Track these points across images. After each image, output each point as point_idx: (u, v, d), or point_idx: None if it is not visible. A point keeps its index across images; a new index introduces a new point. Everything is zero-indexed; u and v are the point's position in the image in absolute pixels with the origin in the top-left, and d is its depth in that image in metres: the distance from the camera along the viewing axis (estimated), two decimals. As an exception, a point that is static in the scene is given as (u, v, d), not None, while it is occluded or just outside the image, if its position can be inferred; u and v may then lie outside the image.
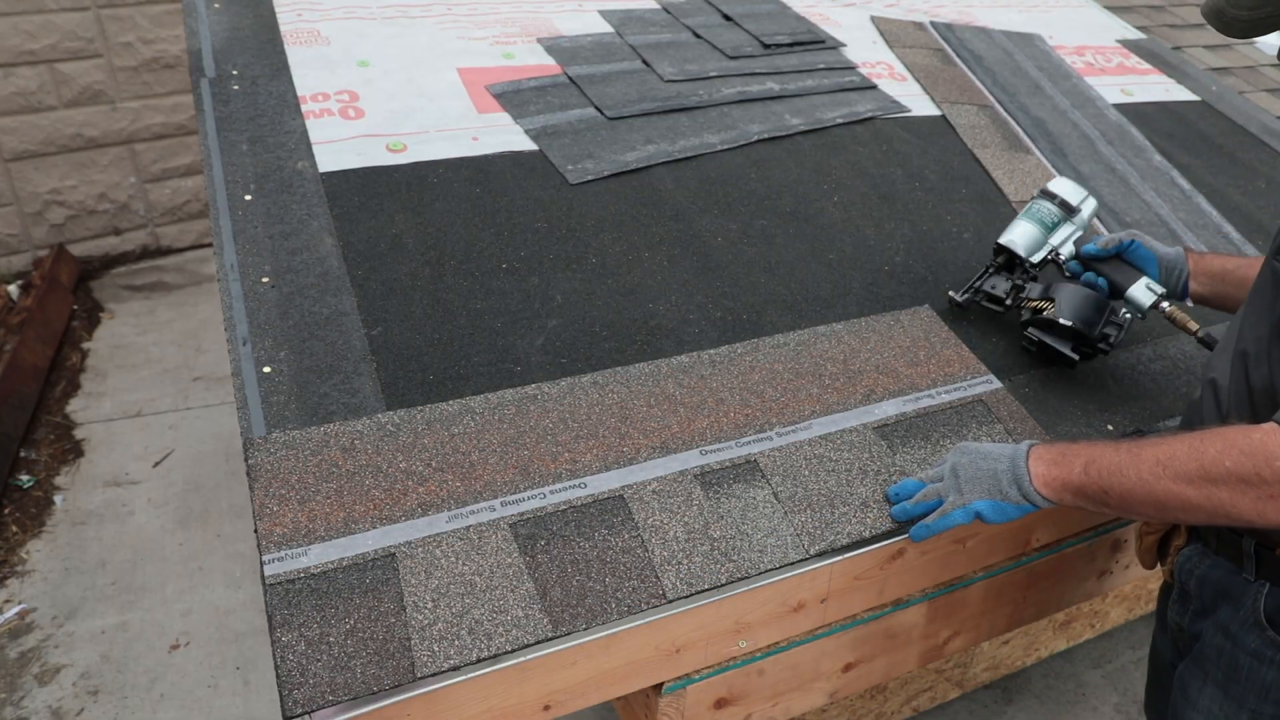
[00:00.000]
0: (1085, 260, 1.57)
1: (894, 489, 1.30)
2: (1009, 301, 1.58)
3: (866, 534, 1.27)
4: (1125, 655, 2.40)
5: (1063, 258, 1.60)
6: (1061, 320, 1.47)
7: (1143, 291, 1.48)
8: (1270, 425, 0.93)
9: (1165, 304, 1.48)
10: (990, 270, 1.63)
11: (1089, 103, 2.49)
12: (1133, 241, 1.51)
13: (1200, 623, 1.22)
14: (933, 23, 2.74)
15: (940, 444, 1.40)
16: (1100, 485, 1.05)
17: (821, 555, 1.24)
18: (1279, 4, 0.99)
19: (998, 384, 1.52)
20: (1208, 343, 1.44)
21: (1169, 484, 0.98)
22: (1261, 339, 1.11)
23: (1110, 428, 1.52)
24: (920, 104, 2.31)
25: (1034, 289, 1.54)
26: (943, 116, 2.28)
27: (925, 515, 1.23)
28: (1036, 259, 1.59)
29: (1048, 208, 1.60)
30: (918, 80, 2.42)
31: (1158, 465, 0.98)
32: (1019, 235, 1.59)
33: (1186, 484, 0.96)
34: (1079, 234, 1.62)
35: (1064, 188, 1.61)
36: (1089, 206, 1.63)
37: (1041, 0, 3.14)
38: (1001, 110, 2.36)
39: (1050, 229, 1.60)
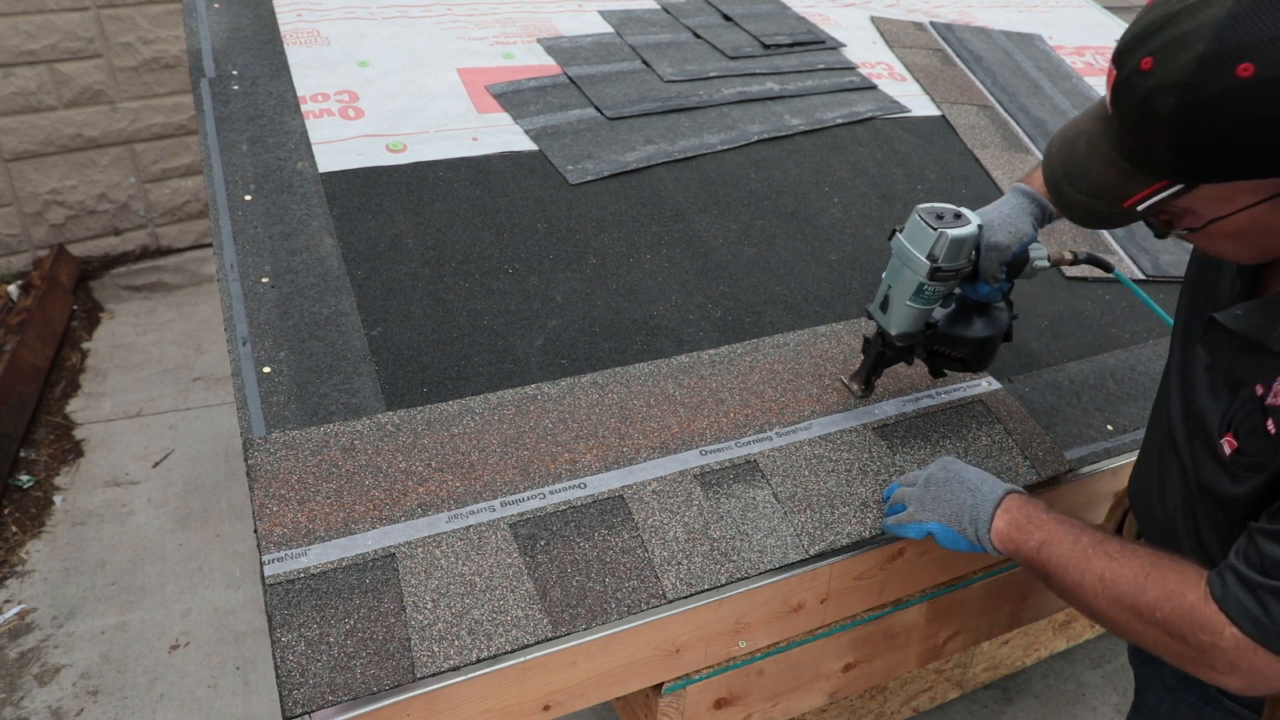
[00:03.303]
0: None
1: (887, 490, 1.31)
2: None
3: (866, 534, 1.27)
4: (1125, 655, 2.40)
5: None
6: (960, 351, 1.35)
7: (1030, 270, 1.34)
8: (1205, 591, 0.92)
9: (1042, 261, 1.35)
10: (886, 356, 1.39)
11: (1089, 103, 2.49)
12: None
13: (1139, 664, 1.25)
14: (933, 23, 2.74)
15: (940, 444, 1.40)
16: (1046, 570, 1.06)
17: (821, 555, 1.24)
18: (1115, 202, 0.91)
19: (997, 384, 1.52)
20: (1096, 261, 1.38)
21: (1104, 603, 1.00)
22: (1184, 427, 1.07)
23: (1110, 427, 1.52)
24: (920, 104, 2.31)
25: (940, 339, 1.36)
26: (943, 117, 2.28)
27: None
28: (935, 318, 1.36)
29: (935, 289, 1.26)
30: (918, 80, 2.41)
31: (1100, 582, 1.00)
32: (907, 323, 1.31)
33: (1120, 611, 0.98)
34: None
35: (950, 251, 1.21)
36: (971, 246, 1.25)
37: (1041, 0, 3.14)
38: (1001, 110, 2.36)
39: (939, 299, 1.30)
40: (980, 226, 1.24)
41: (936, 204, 1.24)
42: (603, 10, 2.47)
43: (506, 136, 1.90)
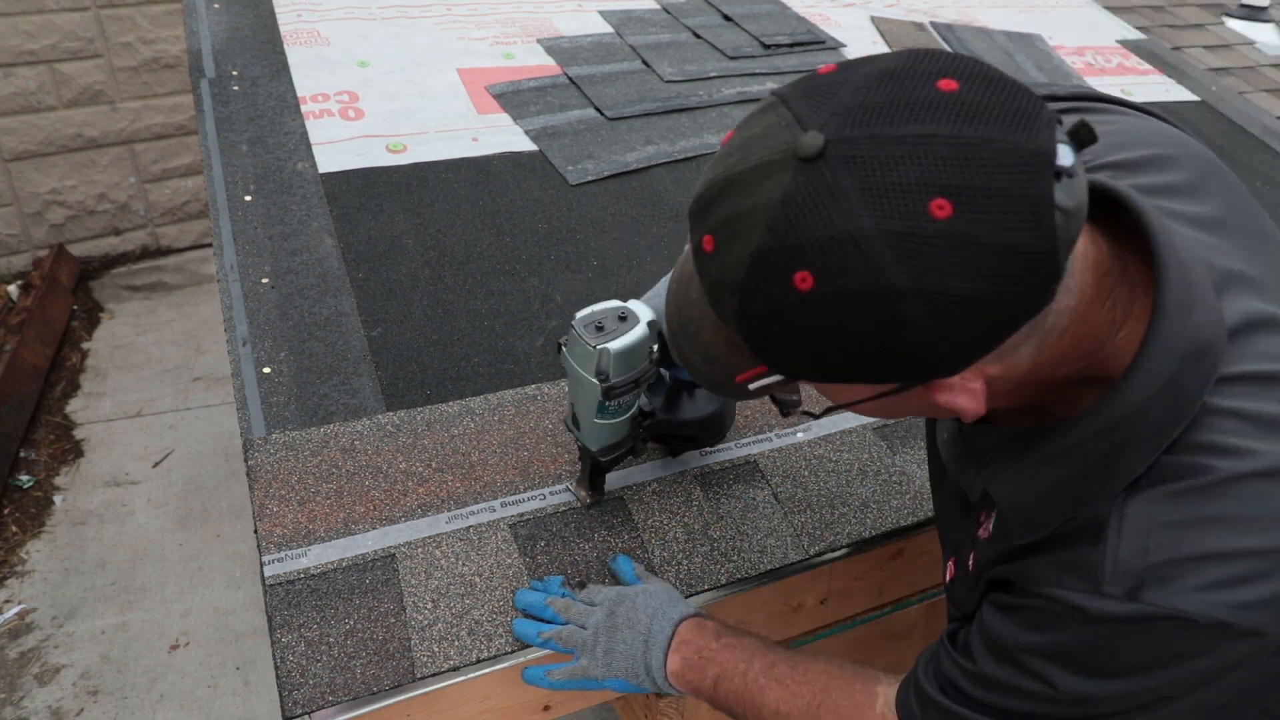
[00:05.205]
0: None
1: (523, 594, 1.09)
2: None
3: (866, 534, 1.27)
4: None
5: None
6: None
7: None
8: (881, 714, 0.83)
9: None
10: (602, 464, 1.18)
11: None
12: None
13: None
14: (933, 23, 2.74)
15: (940, 444, 1.40)
16: (727, 708, 0.98)
17: (821, 555, 1.24)
18: (728, 374, 0.72)
19: (997, 384, 1.52)
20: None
21: None
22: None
23: (1110, 428, 1.51)
24: (920, 104, 2.30)
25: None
26: (943, 117, 2.28)
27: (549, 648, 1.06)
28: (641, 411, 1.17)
29: (620, 402, 1.07)
30: (918, 80, 2.41)
31: (775, 716, 0.92)
32: (607, 437, 1.12)
33: None
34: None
35: (620, 364, 1.02)
36: (648, 346, 1.04)
37: (1041, 0, 3.14)
38: (1001, 110, 2.36)
39: (631, 407, 1.11)
40: (652, 321, 1.03)
41: (599, 306, 1.04)
42: (603, 10, 2.47)
43: (506, 137, 1.90)
